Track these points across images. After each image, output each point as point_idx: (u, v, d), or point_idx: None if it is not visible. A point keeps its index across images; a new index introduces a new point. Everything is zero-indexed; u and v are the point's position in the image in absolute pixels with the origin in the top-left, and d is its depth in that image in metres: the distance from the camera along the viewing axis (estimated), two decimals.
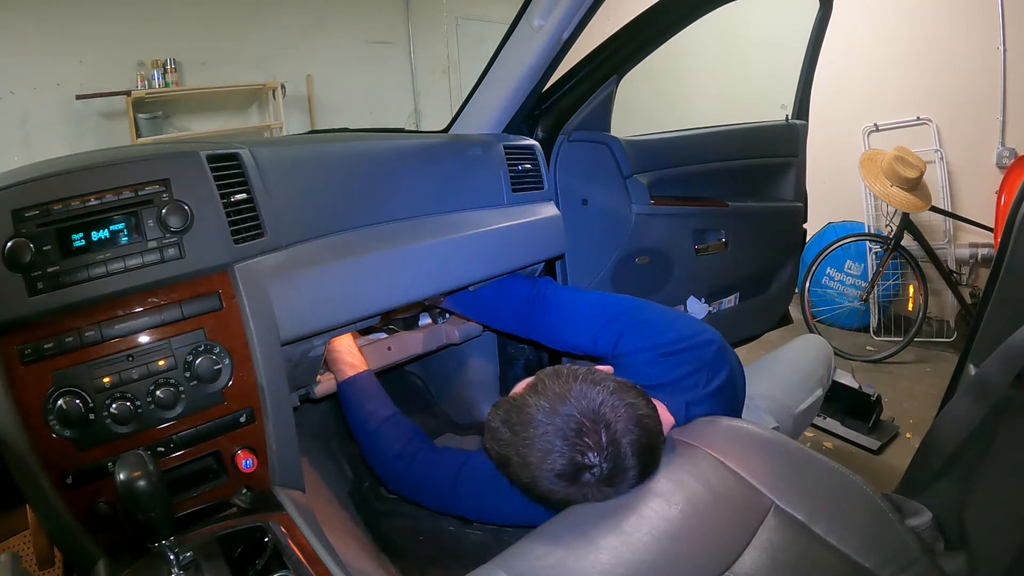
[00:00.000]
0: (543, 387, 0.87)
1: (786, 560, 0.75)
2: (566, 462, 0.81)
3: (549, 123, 1.47)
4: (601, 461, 0.81)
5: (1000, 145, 2.98)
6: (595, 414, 0.83)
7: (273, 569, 0.76)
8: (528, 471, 0.84)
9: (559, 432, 0.82)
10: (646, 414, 0.86)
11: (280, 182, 0.96)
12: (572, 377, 0.87)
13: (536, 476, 0.84)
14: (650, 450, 0.84)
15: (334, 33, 4.65)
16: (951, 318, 3.13)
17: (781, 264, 2.03)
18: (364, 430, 1.13)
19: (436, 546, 1.26)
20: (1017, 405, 0.86)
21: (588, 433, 0.81)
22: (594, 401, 0.84)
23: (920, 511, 0.92)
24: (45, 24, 3.55)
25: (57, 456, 0.77)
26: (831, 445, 2.21)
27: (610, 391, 0.85)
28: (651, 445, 0.84)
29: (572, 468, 0.81)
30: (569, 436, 0.82)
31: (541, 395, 0.86)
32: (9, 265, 0.73)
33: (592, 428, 0.82)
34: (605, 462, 0.81)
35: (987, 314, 1.10)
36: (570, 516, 0.81)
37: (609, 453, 0.81)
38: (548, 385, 0.87)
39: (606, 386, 0.86)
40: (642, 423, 0.84)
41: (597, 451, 0.81)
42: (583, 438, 0.81)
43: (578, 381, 0.86)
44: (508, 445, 0.87)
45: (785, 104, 2.02)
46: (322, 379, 1.20)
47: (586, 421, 0.82)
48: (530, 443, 0.84)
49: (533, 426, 0.84)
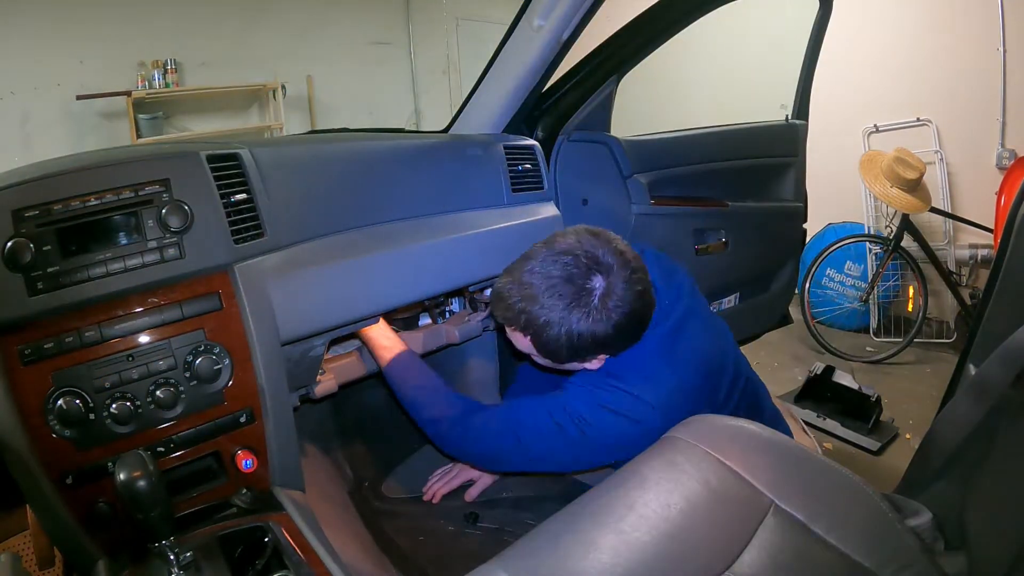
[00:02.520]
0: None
1: (786, 560, 0.75)
2: (563, 279, 0.91)
3: (549, 123, 1.47)
4: (591, 258, 0.91)
5: (1000, 146, 2.98)
6: (577, 239, 0.94)
7: (273, 569, 0.76)
8: (534, 295, 0.91)
9: (558, 252, 0.92)
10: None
11: (280, 182, 0.97)
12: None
13: (541, 296, 0.91)
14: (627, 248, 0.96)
15: (334, 34, 4.65)
16: (951, 319, 3.13)
17: (781, 264, 2.03)
18: (415, 406, 1.12)
19: (436, 546, 1.26)
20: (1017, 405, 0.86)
21: (584, 253, 0.92)
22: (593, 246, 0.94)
23: (920, 511, 0.92)
24: (45, 24, 3.55)
25: (57, 456, 0.77)
26: (831, 446, 2.21)
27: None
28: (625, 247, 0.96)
29: (571, 282, 0.91)
30: (569, 258, 0.92)
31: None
32: (9, 265, 0.73)
33: (587, 252, 0.92)
34: (596, 257, 0.92)
35: (987, 315, 1.10)
36: (570, 516, 0.81)
37: (597, 248, 0.93)
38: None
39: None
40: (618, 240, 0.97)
41: (587, 255, 0.92)
42: (580, 255, 0.92)
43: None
44: (512, 285, 0.94)
45: (785, 104, 2.01)
46: (322, 379, 1.20)
47: (582, 252, 0.92)
48: (531, 270, 0.93)
49: (532, 256, 0.94)
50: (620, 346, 0.98)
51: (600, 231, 0.96)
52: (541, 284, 0.91)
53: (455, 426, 1.08)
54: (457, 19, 5.23)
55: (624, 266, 0.92)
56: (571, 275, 0.91)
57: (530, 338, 0.96)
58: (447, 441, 1.10)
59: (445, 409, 1.10)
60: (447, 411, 1.10)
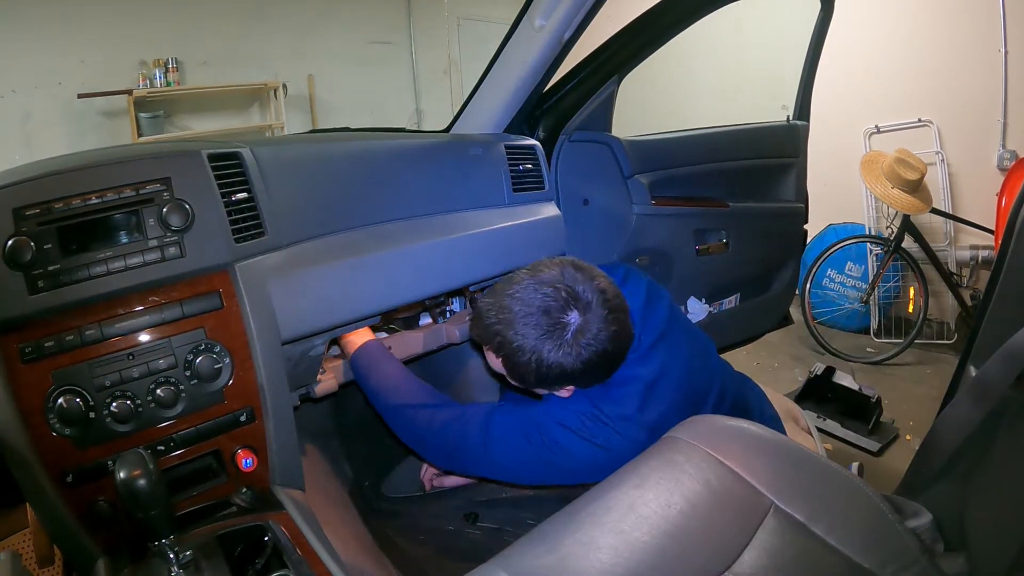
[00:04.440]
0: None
1: (785, 560, 0.75)
2: (541, 310, 0.92)
3: (550, 123, 1.47)
4: (570, 294, 0.92)
5: (1001, 147, 2.98)
6: (560, 271, 0.95)
7: (273, 568, 0.75)
8: (510, 320, 0.92)
9: (541, 282, 0.94)
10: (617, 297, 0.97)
11: (281, 181, 0.97)
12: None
13: (517, 322, 0.92)
14: (610, 287, 0.96)
15: (335, 33, 4.65)
16: (951, 320, 3.13)
17: (782, 265, 2.03)
18: (379, 394, 1.12)
19: (436, 546, 1.26)
20: (1017, 407, 0.86)
21: (565, 288, 0.93)
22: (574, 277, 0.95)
23: (920, 512, 0.92)
24: (47, 23, 3.55)
25: (57, 455, 0.77)
26: (831, 446, 2.21)
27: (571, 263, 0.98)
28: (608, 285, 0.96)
29: (547, 313, 0.92)
30: (549, 289, 0.93)
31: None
32: (10, 263, 0.73)
33: (568, 287, 0.93)
34: (575, 293, 0.92)
35: (987, 316, 1.10)
36: (570, 516, 0.81)
37: (577, 282, 0.93)
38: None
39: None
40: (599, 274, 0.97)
41: (566, 289, 0.93)
42: (561, 288, 0.93)
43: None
44: (492, 308, 0.95)
45: (786, 105, 2.02)
46: (322, 378, 1.20)
47: (563, 287, 0.93)
48: (512, 295, 0.94)
49: (516, 281, 0.96)
50: (588, 381, 0.99)
51: (585, 266, 0.98)
52: (519, 310, 0.93)
53: (418, 415, 1.08)
54: (458, 18, 5.23)
55: (603, 304, 0.93)
56: (549, 307, 0.92)
57: (502, 360, 0.97)
58: (409, 430, 1.10)
59: (411, 398, 1.09)
60: (413, 399, 1.09)
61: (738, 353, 2.15)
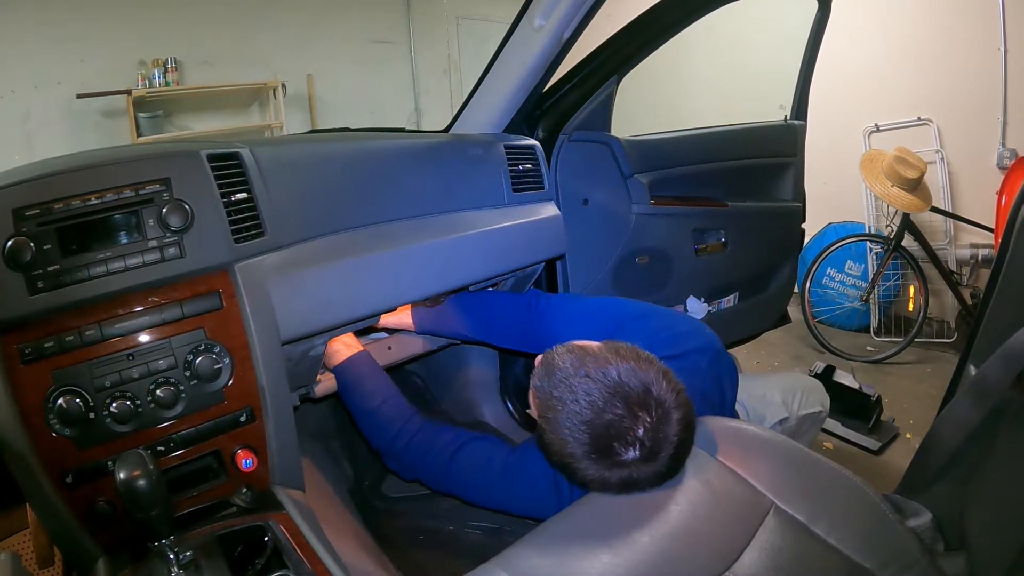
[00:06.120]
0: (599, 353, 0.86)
1: (786, 560, 0.75)
2: (603, 425, 0.79)
3: (550, 123, 1.47)
4: (645, 432, 0.78)
5: (1001, 146, 2.98)
6: (645, 387, 0.81)
7: (273, 568, 0.75)
8: (559, 430, 0.82)
9: (604, 391, 0.81)
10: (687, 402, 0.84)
11: (281, 181, 0.96)
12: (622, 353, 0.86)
13: (567, 438, 0.81)
14: (689, 437, 0.82)
15: (335, 32, 4.65)
16: (951, 319, 3.13)
17: (780, 264, 2.04)
18: (362, 409, 1.13)
19: (436, 546, 1.26)
20: (1017, 406, 0.86)
21: (637, 402, 0.79)
22: (647, 375, 0.82)
23: (920, 512, 0.92)
24: (46, 23, 3.54)
25: (57, 455, 0.77)
26: (831, 445, 2.21)
27: (662, 373, 0.83)
28: (690, 430, 0.82)
29: (607, 436, 0.79)
30: (614, 395, 0.80)
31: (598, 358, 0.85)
32: (9, 264, 0.73)
33: (642, 399, 0.79)
34: (649, 433, 0.78)
35: (987, 315, 1.10)
36: (570, 516, 0.81)
37: (656, 421, 0.78)
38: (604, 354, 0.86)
39: (657, 368, 0.84)
40: (687, 406, 0.83)
41: (643, 421, 0.78)
42: (630, 406, 0.79)
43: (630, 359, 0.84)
44: (551, 395, 0.85)
45: (784, 104, 2.02)
46: (322, 379, 1.20)
47: (635, 391, 0.80)
48: (572, 393, 0.82)
49: (591, 375, 0.82)
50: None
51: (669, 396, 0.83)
52: (584, 412, 0.81)
53: (398, 437, 1.08)
54: (458, 18, 5.22)
55: (666, 445, 0.80)
56: (614, 432, 0.79)
57: (540, 424, 0.88)
58: (389, 449, 1.10)
59: (392, 420, 1.10)
60: (393, 422, 1.10)
61: (738, 352, 2.15)
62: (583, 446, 0.80)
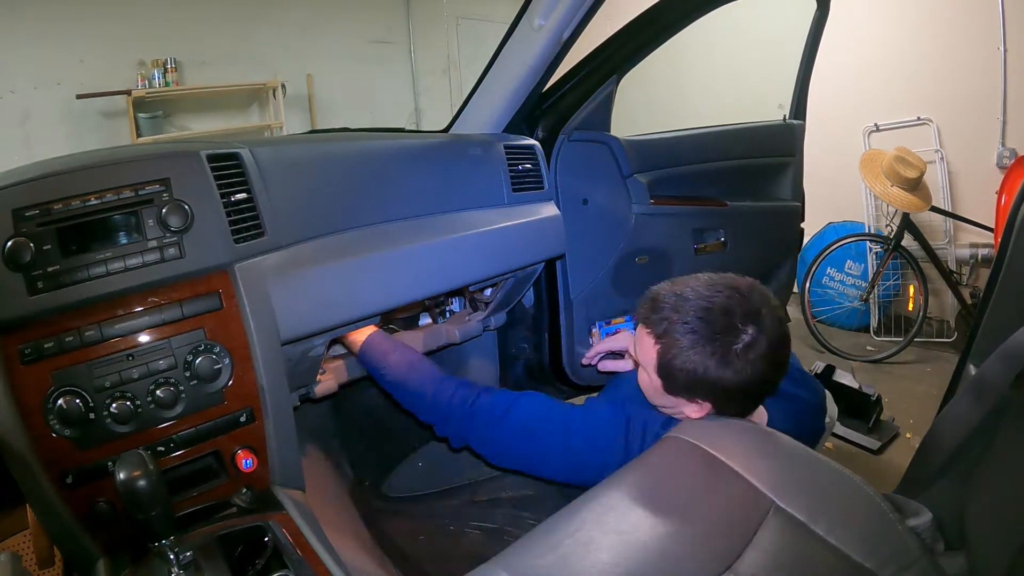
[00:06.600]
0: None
1: (786, 560, 0.75)
2: (719, 307, 0.91)
3: (549, 123, 1.47)
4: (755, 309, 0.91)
5: (1000, 145, 2.98)
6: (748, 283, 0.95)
7: (273, 569, 0.76)
8: (685, 311, 0.92)
9: (725, 288, 0.93)
10: None
11: (280, 182, 0.96)
12: None
13: (691, 314, 0.91)
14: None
15: (334, 32, 4.65)
16: (951, 318, 3.13)
17: (779, 263, 2.03)
18: (396, 382, 1.12)
19: (436, 546, 1.26)
20: (1017, 405, 0.86)
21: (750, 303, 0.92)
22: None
23: (920, 511, 0.92)
24: (45, 23, 3.54)
25: (57, 455, 0.77)
26: (831, 445, 2.21)
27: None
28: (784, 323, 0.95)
29: (725, 313, 0.90)
30: (735, 293, 0.92)
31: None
32: (9, 264, 0.73)
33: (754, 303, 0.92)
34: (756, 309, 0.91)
35: (987, 314, 1.10)
36: (570, 516, 0.81)
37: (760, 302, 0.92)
38: None
39: None
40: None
41: (751, 302, 0.91)
42: (737, 290, 0.92)
43: None
44: (670, 295, 0.95)
45: (783, 104, 2.02)
46: (322, 379, 1.20)
47: (738, 283, 0.94)
48: (695, 288, 0.94)
49: (700, 277, 0.96)
50: (730, 404, 0.96)
51: (770, 296, 0.96)
52: (697, 303, 0.92)
53: (440, 395, 1.07)
54: (458, 18, 5.22)
55: (776, 330, 0.92)
56: (730, 308, 0.91)
57: (659, 348, 0.94)
58: (434, 409, 1.09)
59: (427, 381, 1.09)
60: (429, 383, 1.09)
61: None
62: (708, 325, 0.90)
